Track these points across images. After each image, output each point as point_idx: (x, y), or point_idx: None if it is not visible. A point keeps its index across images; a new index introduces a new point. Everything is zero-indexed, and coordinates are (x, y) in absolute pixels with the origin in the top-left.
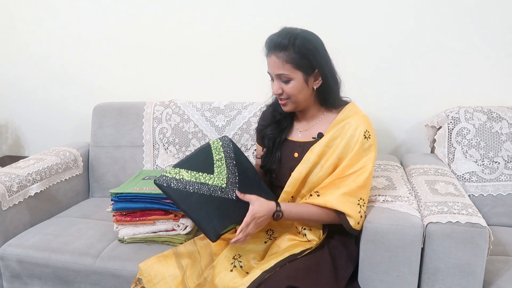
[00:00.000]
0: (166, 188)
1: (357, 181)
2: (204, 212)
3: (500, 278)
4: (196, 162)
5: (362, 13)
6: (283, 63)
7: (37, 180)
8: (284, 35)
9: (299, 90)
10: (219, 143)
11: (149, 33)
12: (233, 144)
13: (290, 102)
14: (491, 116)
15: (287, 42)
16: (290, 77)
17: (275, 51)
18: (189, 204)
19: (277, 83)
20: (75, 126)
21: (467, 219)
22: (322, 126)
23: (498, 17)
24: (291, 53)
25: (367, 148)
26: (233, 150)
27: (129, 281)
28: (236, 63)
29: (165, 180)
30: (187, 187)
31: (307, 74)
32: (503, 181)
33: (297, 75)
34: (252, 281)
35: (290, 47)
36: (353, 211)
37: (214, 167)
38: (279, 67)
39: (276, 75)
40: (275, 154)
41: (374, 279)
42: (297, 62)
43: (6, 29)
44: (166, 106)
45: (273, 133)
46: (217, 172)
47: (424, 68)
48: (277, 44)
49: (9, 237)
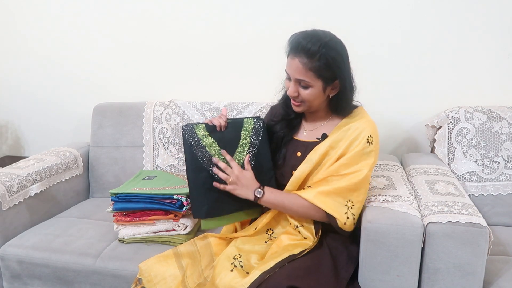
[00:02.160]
0: (188, 146)
1: (348, 182)
2: (203, 192)
3: (500, 278)
4: (225, 136)
5: (362, 13)
6: (306, 70)
7: (37, 180)
8: (314, 42)
9: (316, 97)
10: (251, 125)
11: (149, 33)
12: (264, 131)
13: (303, 105)
14: (491, 116)
15: (316, 50)
16: (310, 85)
17: (300, 55)
18: (195, 176)
19: (295, 86)
20: (75, 126)
21: (467, 219)
22: (328, 128)
23: (498, 17)
24: (316, 61)
25: (367, 152)
26: (260, 137)
27: (129, 281)
28: (236, 63)
29: (191, 136)
30: (203, 159)
31: (326, 83)
32: (503, 181)
33: (317, 84)
34: (252, 282)
35: (317, 55)
36: (336, 211)
37: (236, 152)
38: (300, 73)
39: (295, 79)
40: (281, 150)
41: (374, 279)
42: (320, 72)
43: (6, 29)
44: (166, 106)
45: (283, 131)
46: (235, 157)
47: (424, 68)
48: (305, 49)
49: (9, 237)
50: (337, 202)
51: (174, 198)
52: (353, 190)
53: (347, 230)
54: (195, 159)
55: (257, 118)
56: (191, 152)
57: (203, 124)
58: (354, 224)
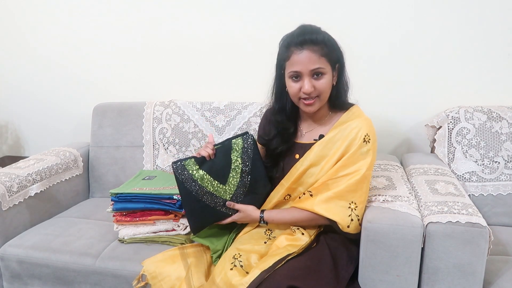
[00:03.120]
0: (180, 183)
1: (347, 184)
2: (200, 218)
3: (500, 278)
4: (215, 164)
5: (362, 13)
6: (319, 56)
7: (37, 180)
8: (314, 31)
9: (329, 86)
10: (240, 145)
11: (149, 33)
12: (255, 147)
13: (318, 101)
14: (491, 116)
15: (321, 37)
16: (324, 71)
17: (308, 46)
18: (192, 207)
19: (309, 80)
20: (75, 126)
21: (467, 219)
22: (325, 128)
23: (498, 17)
24: (324, 47)
25: (364, 152)
26: (252, 154)
27: (129, 281)
28: (236, 63)
29: (182, 173)
30: (198, 192)
31: (333, 68)
32: (503, 181)
33: (328, 69)
34: (252, 281)
35: (323, 41)
36: (339, 216)
37: (229, 176)
38: (315, 62)
39: (310, 71)
40: (279, 164)
41: (374, 279)
42: (330, 56)
43: (6, 29)
44: (166, 106)
45: (280, 146)
46: (229, 182)
47: (424, 68)
48: (311, 39)
49: (9, 237)
50: (339, 206)
51: (174, 198)
52: (354, 191)
53: (353, 232)
54: (189, 193)
55: (245, 136)
56: (184, 187)
57: (192, 159)
58: (360, 225)
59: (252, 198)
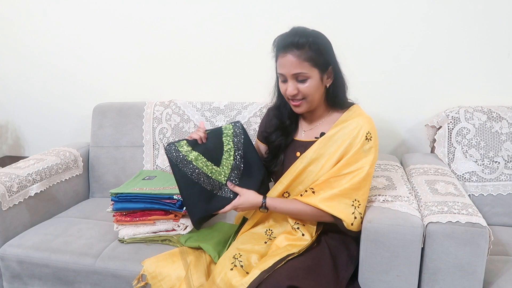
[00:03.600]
0: (174, 165)
1: (351, 182)
2: (199, 206)
3: (500, 277)
4: (208, 147)
5: (364, 14)
6: (301, 61)
7: (37, 180)
8: (300, 34)
9: (316, 88)
10: (230, 130)
11: (149, 34)
12: (245, 133)
13: (305, 103)
14: (491, 116)
15: (304, 41)
16: (308, 76)
17: (291, 49)
18: (189, 192)
19: (293, 84)
20: (75, 126)
21: (467, 219)
22: (326, 126)
23: (498, 17)
24: (308, 51)
25: (367, 149)
26: (243, 140)
27: (129, 281)
28: (236, 63)
29: (177, 156)
30: (193, 174)
31: (322, 71)
32: (503, 181)
33: (314, 73)
34: (252, 281)
35: (307, 45)
36: (343, 213)
37: (222, 159)
38: (296, 66)
39: (292, 75)
40: (279, 157)
41: (374, 279)
42: (315, 60)
43: (6, 29)
44: (166, 106)
45: (280, 139)
46: (223, 165)
47: (424, 68)
48: (294, 43)
49: (9, 237)
50: (343, 204)
51: (174, 198)
52: (357, 189)
53: (355, 230)
54: (184, 176)
55: (235, 122)
56: (179, 170)
57: (184, 141)
58: (361, 223)
59: (248, 183)
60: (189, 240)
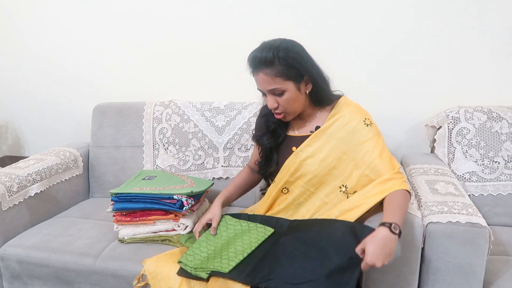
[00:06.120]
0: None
1: (384, 161)
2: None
3: (500, 278)
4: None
5: (362, 13)
6: (273, 78)
7: (37, 180)
8: (267, 50)
9: (294, 99)
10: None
11: (149, 33)
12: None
13: (287, 114)
14: (491, 116)
15: (271, 56)
16: (283, 89)
17: (261, 68)
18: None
19: (271, 98)
20: (75, 126)
21: (467, 219)
22: (319, 121)
23: (498, 17)
24: (278, 66)
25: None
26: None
27: (129, 281)
28: (236, 63)
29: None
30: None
31: (297, 82)
32: (503, 181)
33: (289, 86)
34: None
35: (276, 60)
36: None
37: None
38: (269, 83)
39: (268, 91)
40: (273, 157)
41: (374, 279)
42: (286, 74)
43: (6, 29)
44: (166, 106)
45: (269, 142)
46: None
47: (423, 68)
48: (262, 61)
49: (9, 237)
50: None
51: (174, 198)
52: (390, 161)
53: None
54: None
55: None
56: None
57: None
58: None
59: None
60: (189, 240)
